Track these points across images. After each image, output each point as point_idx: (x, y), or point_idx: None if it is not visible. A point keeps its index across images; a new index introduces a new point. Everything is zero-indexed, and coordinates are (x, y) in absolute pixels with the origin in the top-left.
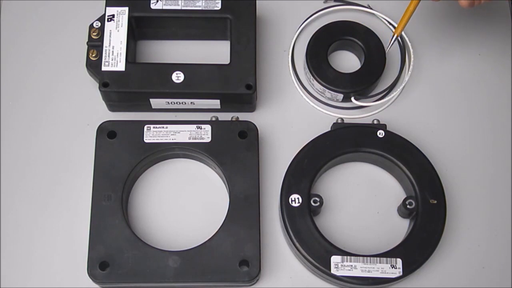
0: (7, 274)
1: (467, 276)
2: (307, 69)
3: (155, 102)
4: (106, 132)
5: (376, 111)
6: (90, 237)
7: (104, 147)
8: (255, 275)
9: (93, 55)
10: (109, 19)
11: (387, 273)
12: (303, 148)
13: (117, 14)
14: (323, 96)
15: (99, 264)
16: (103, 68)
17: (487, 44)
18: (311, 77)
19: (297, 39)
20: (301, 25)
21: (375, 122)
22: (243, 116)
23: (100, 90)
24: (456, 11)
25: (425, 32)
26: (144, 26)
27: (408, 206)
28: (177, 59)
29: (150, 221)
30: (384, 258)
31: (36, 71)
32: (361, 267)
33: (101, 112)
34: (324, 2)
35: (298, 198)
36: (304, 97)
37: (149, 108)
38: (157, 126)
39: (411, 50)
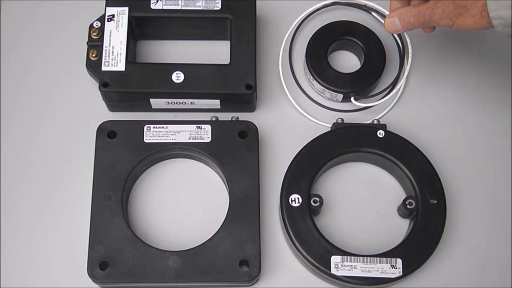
0: (7, 274)
1: (467, 276)
2: (306, 69)
3: (155, 102)
4: (106, 132)
5: (376, 111)
6: (90, 237)
7: (104, 147)
8: (255, 275)
9: (93, 55)
10: (109, 19)
11: (387, 273)
12: (303, 148)
13: (117, 14)
14: (323, 96)
15: (99, 264)
16: (103, 68)
17: (487, 44)
18: (311, 77)
19: (297, 39)
20: (300, 23)
21: (375, 122)
22: (243, 116)
23: (100, 90)
24: None
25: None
26: (144, 26)
27: (408, 206)
28: (177, 59)
29: (150, 221)
30: (384, 258)
31: (36, 71)
32: (361, 267)
33: (101, 112)
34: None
35: (298, 198)
36: (304, 97)
37: (149, 108)
38: (157, 126)
39: (411, 50)
